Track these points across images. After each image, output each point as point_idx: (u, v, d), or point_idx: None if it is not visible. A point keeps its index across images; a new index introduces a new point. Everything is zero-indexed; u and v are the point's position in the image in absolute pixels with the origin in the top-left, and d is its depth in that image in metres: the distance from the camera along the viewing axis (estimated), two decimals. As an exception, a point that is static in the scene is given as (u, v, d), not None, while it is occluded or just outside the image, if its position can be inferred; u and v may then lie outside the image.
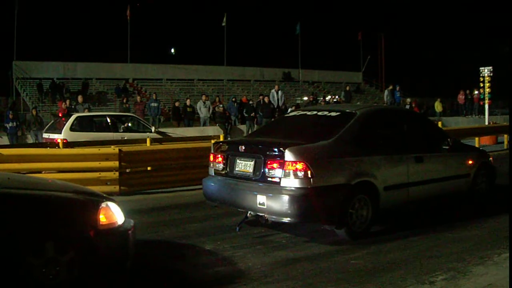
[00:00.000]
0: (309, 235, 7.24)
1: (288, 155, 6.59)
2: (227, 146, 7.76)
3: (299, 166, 6.54)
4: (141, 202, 10.09)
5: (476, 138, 19.03)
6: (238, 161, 7.33)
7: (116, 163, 10.66)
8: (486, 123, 25.34)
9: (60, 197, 4.90)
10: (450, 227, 7.68)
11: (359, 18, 58.92)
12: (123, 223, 5.07)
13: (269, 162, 6.81)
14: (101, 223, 4.83)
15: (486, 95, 26.25)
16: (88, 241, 4.69)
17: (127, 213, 5.27)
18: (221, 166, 7.59)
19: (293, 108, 25.14)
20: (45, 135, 16.71)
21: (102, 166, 10.68)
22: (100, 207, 4.90)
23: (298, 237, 7.22)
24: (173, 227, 7.96)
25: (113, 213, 4.98)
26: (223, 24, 47.11)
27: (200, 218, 8.51)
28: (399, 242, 6.94)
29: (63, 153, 11.45)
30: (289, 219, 6.63)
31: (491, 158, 9.45)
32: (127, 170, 11.16)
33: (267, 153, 6.89)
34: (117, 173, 10.72)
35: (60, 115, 20.60)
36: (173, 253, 6.70)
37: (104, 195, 5.34)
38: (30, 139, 20.73)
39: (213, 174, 7.77)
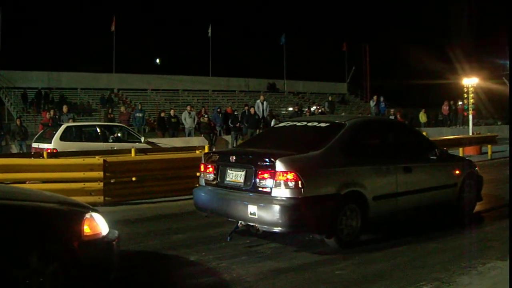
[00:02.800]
0: (297, 245, 7.21)
1: (279, 165, 6.60)
2: (217, 157, 7.75)
3: (290, 176, 6.55)
4: (126, 213, 9.99)
5: (460, 149, 19.13)
6: (229, 171, 7.31)
7: (100, 174, 10.55)
8: (470, 133, 25.51)
9: (44, 208, 4.82)
10: (435, 236, 7.70)
11: (343, 28, 59.34)
12: (107, 234, 5.01)
13: (260, 172, 6.80)
14: (85, 234, 4.76)
15: (470, 105, 26.48)
16: (72, 252, 4.62)
17: (112, 224, 5.21)
18: (211, 176, 7.57)
19: (278, 120, 25.13)
20: (34, 145, 16.45)
21: (87, 176, 10.56)
22: (84, 218, 4.83)
23: (285, 247, 7.19)
24: (157, 238, 7.89)
25: (97, 224, 4.92)
26: (209, 34, 47.24)
27: (185, 229, 8.45)
28: (385, 252, 6.94)
29: (48, 163, 11.34)
30: (280, 228, 6.63)
31: (477, 168, 9.50)
32: (112, 181, 11.03)
33: (258, 163, 6.88)
34: (101, 184, 10.60)
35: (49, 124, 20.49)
36: (157, 264, 6.65)
37: (89, 205, 5.27)
38: (14, 149, 20.59)
39: (204, 184, 7.75)
